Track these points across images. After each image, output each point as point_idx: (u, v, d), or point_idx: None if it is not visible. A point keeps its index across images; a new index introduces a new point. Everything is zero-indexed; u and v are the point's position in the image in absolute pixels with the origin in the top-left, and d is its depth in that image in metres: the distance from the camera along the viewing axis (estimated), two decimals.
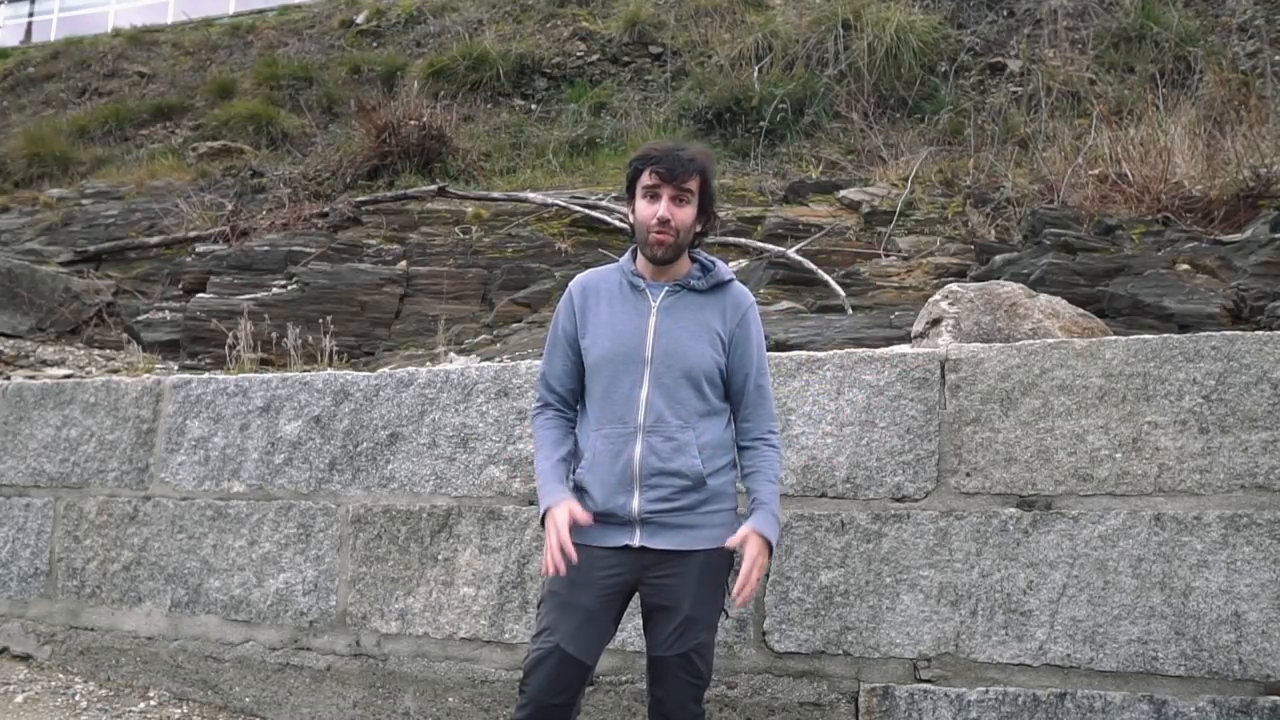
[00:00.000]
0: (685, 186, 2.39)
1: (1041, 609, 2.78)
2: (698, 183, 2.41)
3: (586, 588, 2.33)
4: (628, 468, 2.36)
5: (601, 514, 2.35)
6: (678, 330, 2.40)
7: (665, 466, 2.34)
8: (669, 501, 2.34)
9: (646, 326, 2.41)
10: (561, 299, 2.57)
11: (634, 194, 2.46)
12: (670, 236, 2.38)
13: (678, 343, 2.39)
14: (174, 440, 3.87)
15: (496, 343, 5.30)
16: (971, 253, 5.42)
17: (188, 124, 10.54)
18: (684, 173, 2.38)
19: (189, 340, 5.93)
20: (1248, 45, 7.48)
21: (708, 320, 2.43)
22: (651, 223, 2.38)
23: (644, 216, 2.40)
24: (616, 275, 2.52)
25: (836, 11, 8.26)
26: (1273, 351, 2.71)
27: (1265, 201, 4.91)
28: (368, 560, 3.51)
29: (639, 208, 2.43)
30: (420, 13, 11.40)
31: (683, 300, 2.45)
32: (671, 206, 2.37)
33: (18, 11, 18.51)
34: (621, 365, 2.39)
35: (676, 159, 2.39)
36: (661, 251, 2.40)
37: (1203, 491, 2.71)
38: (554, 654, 2.28)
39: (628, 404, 2.37)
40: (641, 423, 2.36)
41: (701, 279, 2.47)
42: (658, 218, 2.37)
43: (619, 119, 8.44)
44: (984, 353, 2.94)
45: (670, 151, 2.41)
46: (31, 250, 7.49)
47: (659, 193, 2.38)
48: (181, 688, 3.73)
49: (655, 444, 2.35)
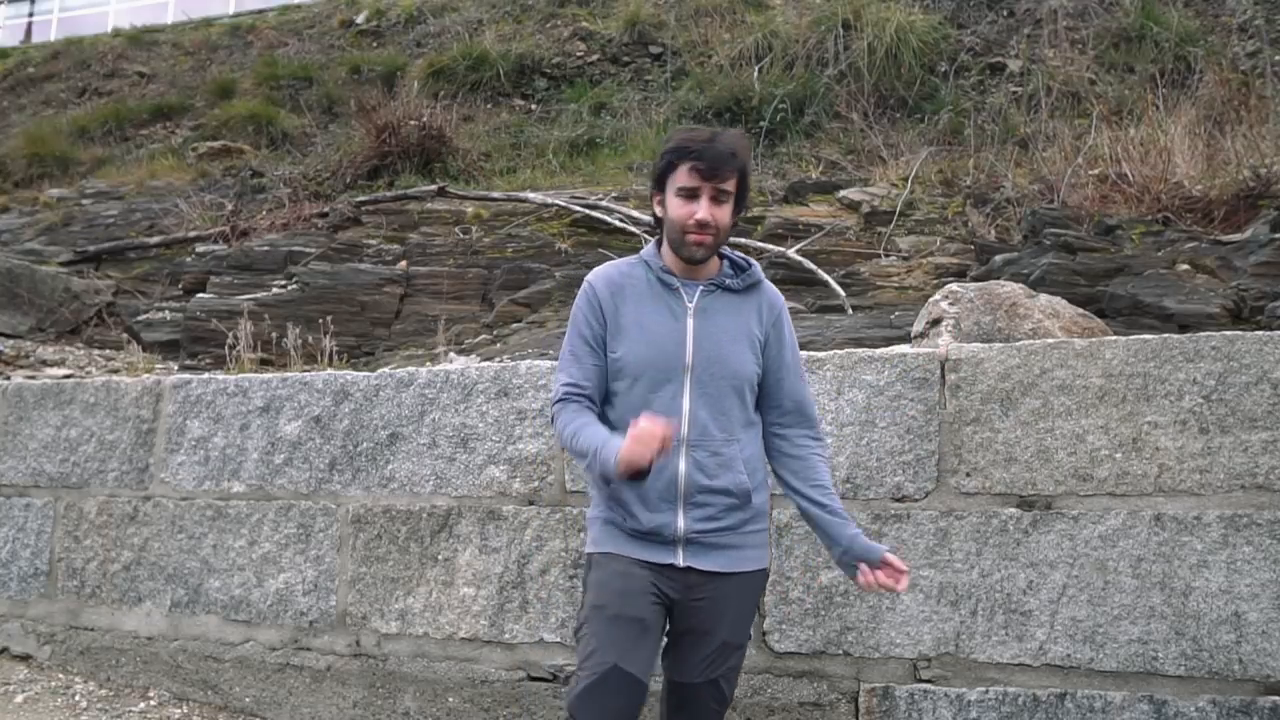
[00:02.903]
0: (725, 186, 2.19)
1: (1041, 609, 2.78)
2: (737, 179, 2.22)
3: (638, 597, 2.13)
4: (672, 485, 2.17)
5: (644, 533, 2.18)
6: (717, 334, 2.23)
7: (712, 484, 2.18)
8: (715, 520, 2.18)
9: (684, 330, 2.22)
10: (580, 297, 2.32)
11: (664, 187, 2.24)
12: (710, 238, 2.19)
13: (719, 348, 2.21)
14: (174, 440, 3.87)
15: (496, 343, 5.30)
16: (971, 253, 5.42)
17: (188, 124, 10.54)
18: (726, 170, 2.17)
19: (189, 340, 5.93)
20: (1248, 45, 7.48)
21: (745, 322, 2.26)
22: (689, 224, 2.18)
23: (679, 216, 2.20)
24: (641, 271, 2.31)
25: (836, 11, 8.25)
26: (1273, 351, 2.71)
27: (1265, 201, 4.91)
28: (368, 560, 3.51)
29: (672, 205, 2.22)
30: (420, 13, 11.40)
31: (719, 301, 2.26)
32: (711, 207, 2.18)
33: (18, 11, 18.50)
34: (659, 373, 2.19)
35: (718, 155, 2.16)
36: (701, 254, 2.22)
37: (1203, 491, 2.71)
38: (612, 675, 2.04)
39: (669, 415, 2.14)
40: (685, 436, 2.17)
41: (736, 278, 2.29)
42: (696, 220, 2.17)
43: (619, 119, 8.44)
44: (984, 353, 2.94)
45: (710, 144, 2.17)
46: (31, 250, 7.49)
47: (697, 192, 2.18)
48: (181, 688, 3.73)
49: (700, 459, 2.17)
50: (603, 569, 2.20)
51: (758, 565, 2.25)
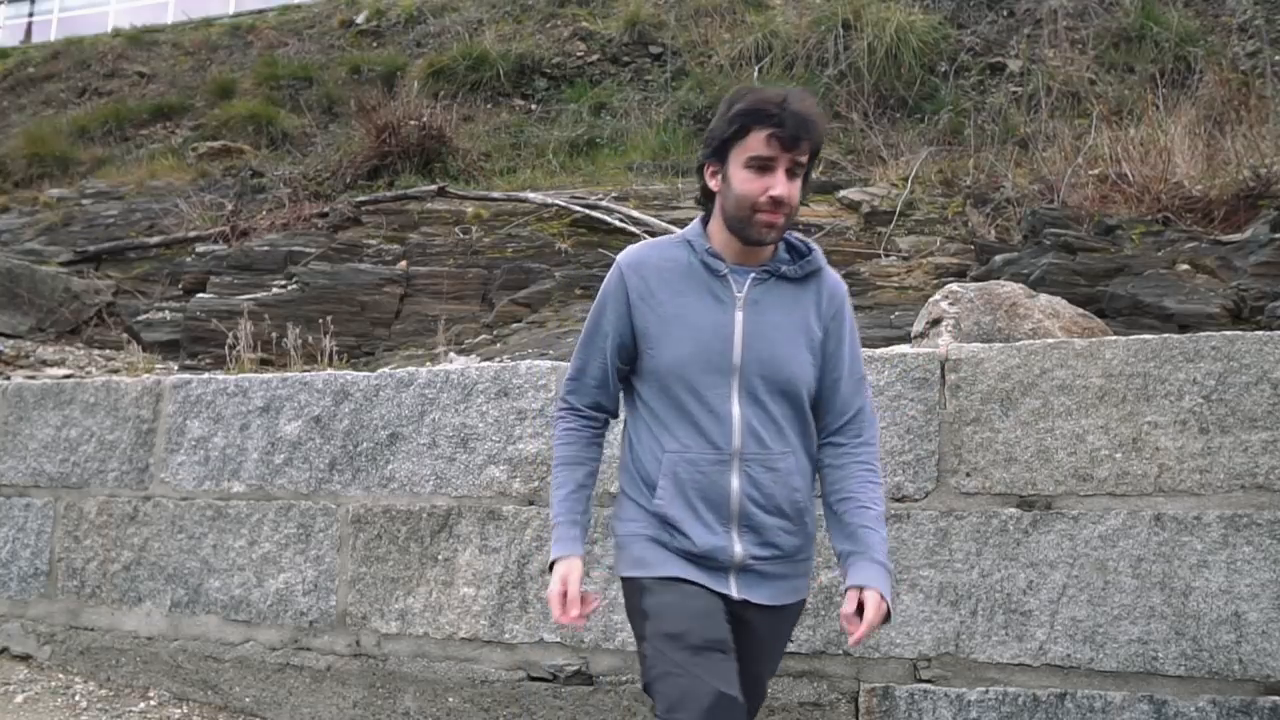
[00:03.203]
0: (802, 158, 1.88)
1: (1041, 609, 2.78)
2: (811, 152, 1.90)
3: (716, 618, 1.86)
4: (724, 504, 1.90)
5: (697, 555, 1.90)
6: (771, 331, 1.92)
7: (768, 504, 1.91)
8: (769, 547, 1.92)
9: (732, 324, 1.91)
10: (608, 280, 2.01)
11: (727, 156, 1.90)
12: (783, 218, 1.88)
13: (773, 347, 1.91)
14: (174, 440, 3.87)
15: (496, 343, 5.30)
16: (971, 253, 5.42)
17: (188, 124, 10.54)
18: (806, 140, 1.85)
19: (189, 340, 5.93)
20: (1248, 45, 7.48)
21: (803, 317, 1.96)
22: (761, 200, 1.85)
23: (749, 192, 1.86)
24: (682, 253, 1.98)
25: (836, 11, 8.25)
26: (1273, 351, 2.71)
27: (1265, 201, 4.91)
28: (368, 560, 3.51)
29: (739, 178, 1.88)
30: (420, 13, 11.40)
31: (773, 291, 1.95)
32: (787, 182, 1.86)
33: (18, 11, 18.50)
34: (703, 374, 1.90)
35: (801, 121, 1.83)
36: (772, 236, 1.91)
37: (1203, 491, 2.71)
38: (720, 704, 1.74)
39: (717, 423, 1.89)
40: (738, 448, 1.89)
41: (794, 264, 1.98)
42: (771, 196, 1.85)
43: (619, 119, 8.44)
44: (984, 353, 2.94)
45: (789, 106, 1.83)
46: (31, 250, 7.49)
47: (772, 164, 1.85)
48: (181, 688, 3.73)
49: (756, 475, 1.90)
50: (664, 593, 1.88)
51: (801, 595, 2.03)
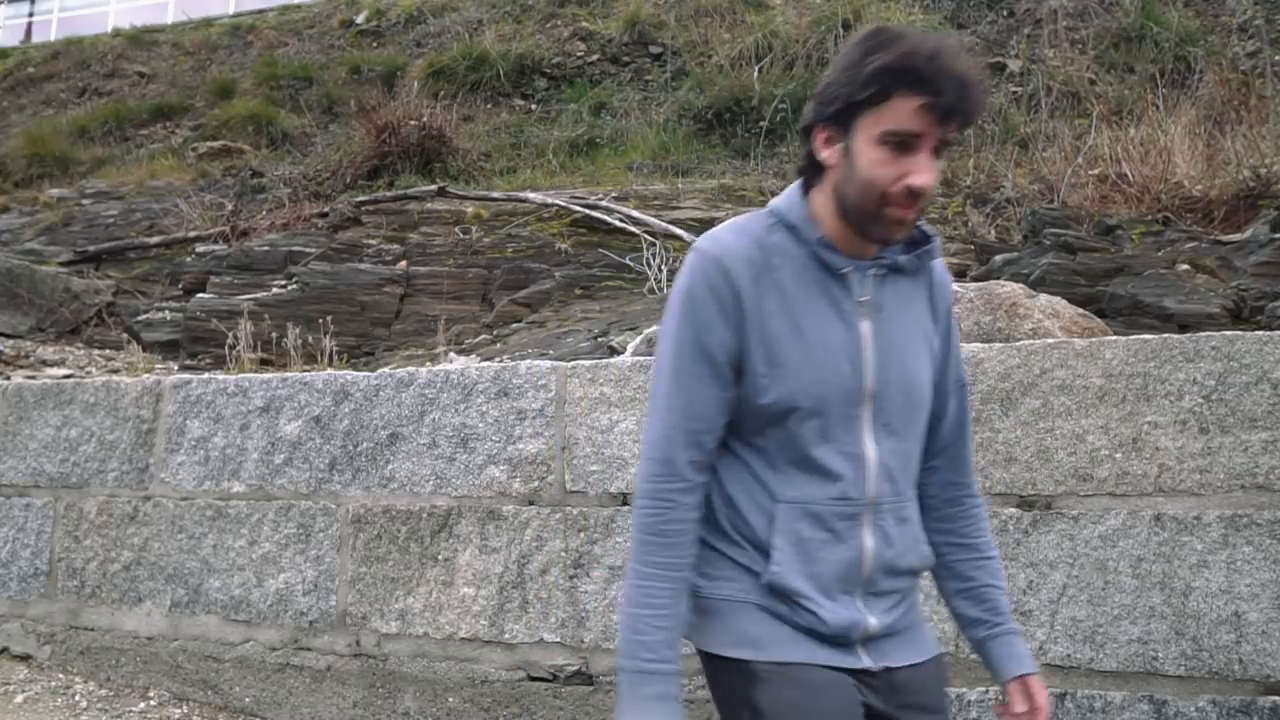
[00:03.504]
0: (955, 135, 1.40)
1: (1041, 609, 2.78)
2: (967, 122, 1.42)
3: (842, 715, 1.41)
4: (856, 567, 1.45)
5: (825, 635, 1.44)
6: (900, 344, 1.49)
7: (900, 564, 1.49)
8: (896, 610, 1.50)
9: (858, 338, 1.45)
10: (696, 282, 1.45)
11: (853, 124, 1.39)
12: (917, 213, 1.42)
13: (904, 363, 1.48)
14: (174, 440, 3.87)
15: (496, 343, 5.30)
16: (971, 253, 5.42)
17: (188, 124, 10.55)
18: (973, 111, 1.38)
19: (189, 340, 5.93)
20: (1248, 45, 7.48)
21: (921, 320, 1.54)
22: (895, 190, 1.37)
23: (881, 176, 1.37)
24: (786, 242, 1.47)
25: (836, 11, 8.26)
26: (1273, 351, 2.71)
27: (1265, 201, 4.91)
28: (368, 560, 3.51)
29: (870, 158, 1.38)
30: (420, 13, 11.41)
31: (891, 292, 1.50)
32: (932, 165, 1.38)
33: (18, 11, 18.51)
34: (833, 407, 1.43)
35: (965, 87, 1.34)
36: (902, 234, 1.45)
37: (1203, 491, 2.71)
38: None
39: (849, 465, 1.44)
40: (873, 496, 1.45)
41: (909, 253, 1.51)
42: (908, 184, 1.36)
43: (619, 119, 8.45)
44: (984, 353, 2.94)
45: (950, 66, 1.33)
46: (31, 250, 7.50)
47: (918, 143, 1.36)
48: (181, 688, 3.74)
49: (889, 529, 1.47)
50: (785, 688, 1.40)
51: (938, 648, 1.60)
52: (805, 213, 1.48)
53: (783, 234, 1.48)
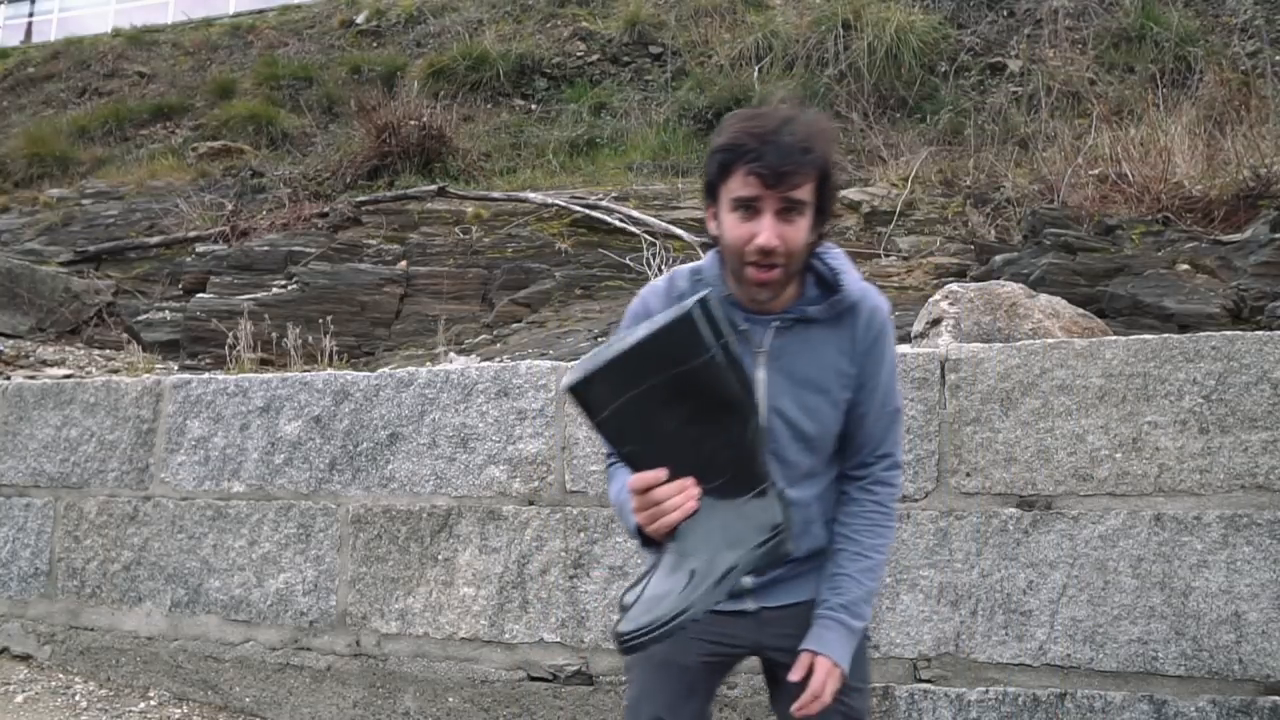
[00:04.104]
0: (798, 194, 1.57)
1: (1041, 609, 2.78)
2: (815, 182, 1.59)
3: (690, 643, 1.76)
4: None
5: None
6: (795, 388, 1.70)
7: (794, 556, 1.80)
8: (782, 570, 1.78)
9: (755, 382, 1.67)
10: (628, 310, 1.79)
11: (717, 196, 1.65)
12: (778, 272, 1.60)
13: (797, 404, 1.70)
14: (174, 440, 3.87)
15: (496, 343, 5.30)
16: (971, 253, 5.43)
17: (188, 124, 10.55)
18: (799, 173, 1.56)
19: (189, 340, 5.93)
20: (1248, 45, 7.48)
21: (832, 363, 1.71)
22: (748, 250, 1.59)
23: (735, 239, 1.60)
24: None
25: (836, 11, 8.26)
26: (1273, 351, 2.71)
27: (1265, 201, 4.91)
28: (368, 560, 3.51)
29: (728, 224, 1.62)
30: (420, 13, 11.41)
31: (799, 338, 1.70)
32: (779, 225, 1.57)
33: (18, 11, 18.51)
34: None
35: (784, 155, 1.54)
36: (766, 295, 1.64)
37: (1203, 491, 2.71)
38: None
39: None
40: None
41: (822, 303, 1.70)
42: (758, 245, 1.57)
43: (619, 119, 8.44)
44: (984, 353, 2.94)
45: (774, 137, 1.54)
46: (31, 250, 7.50)
47: (759, 205, 1.58)
48: (181, 688, 3.73)
49: None
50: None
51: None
52: (717, 273, 1.73)
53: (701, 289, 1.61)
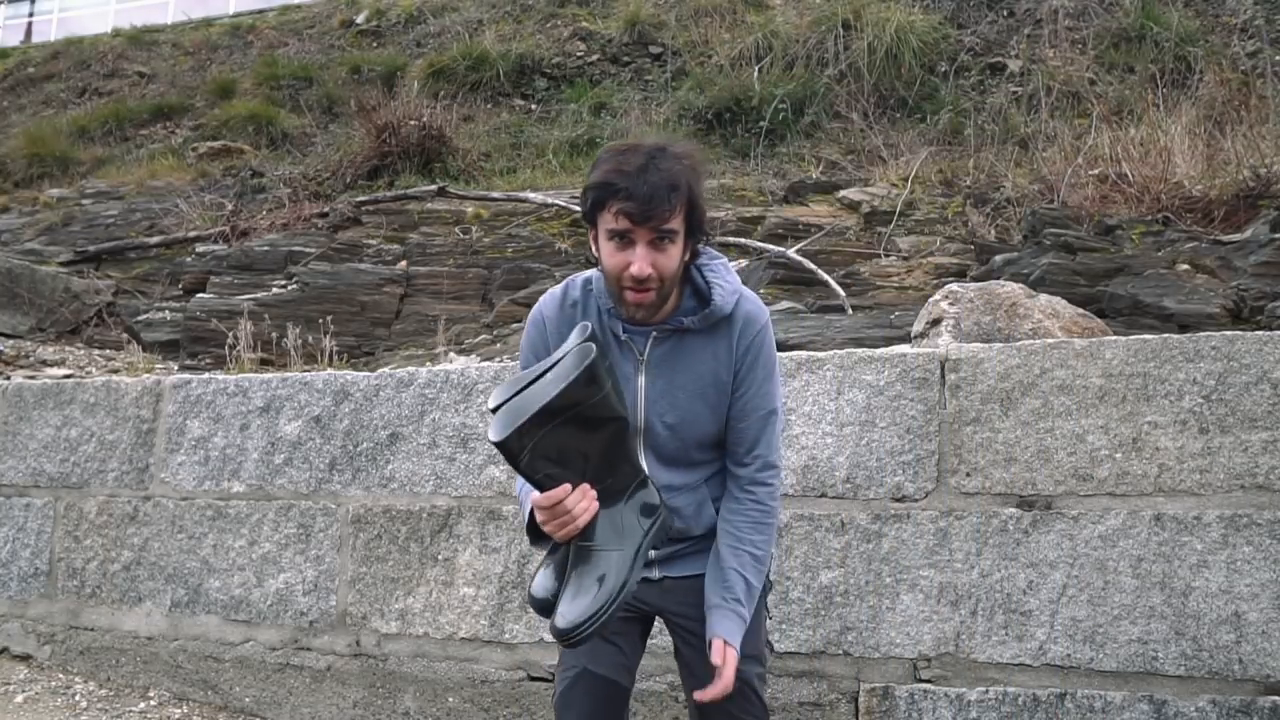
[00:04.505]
0: (668, 225, 1.75)
1: (1041, 609, 2.78)
2: (684, 212, 1.77)
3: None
4: None
5: None
6: (673, 392, 1.89)
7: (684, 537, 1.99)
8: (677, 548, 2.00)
9: (636, 388, 1.88)
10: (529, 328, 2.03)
11: (595, 223, 1.82)
12: (652, 294, 1.79)
13: (675, 409, 1.89)
14: (174, 440, 3.87)
15: (496, 343, 5.30)
16: (971, 253, 5.42)
17: (188, 124, 10.55)
18: (665, 209, 1.73)
19: (189, 340, 5.93)
20: (1248, 45, 7.48)
21: (710, 369, 1.89)
22: (624, 276, 1.77)
23: (612, 267, 1.79)
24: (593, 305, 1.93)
25: (836, 11, 8.26)
26: (1273, 351, 2.71)
27: (1265, 201, 4.91)
28: (368, 560, 3.51)
29: (604, 251, 1.80)
30: (420, 13, 11.41)
31: (676, 349, 1.89)
32: (651, 254, 1.75)
33: (18, 11, 18.52)
34: None
35: (651, 193, 1.70)
36: (642, 314, 1.84)
37: (1203, 491, 2.71)
38: (582, 678, 1.93)
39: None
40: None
41: (696, 315, 1.88)
42: (631, 274, 1.76)
43: (619, 119, 8.44)
44: (984, 353, 2.94)
45: (638, 175, 1.72)
46: (31, 250, 7.49)
47: (630, 237, 1.76)
48: (181, 688, 3.74)
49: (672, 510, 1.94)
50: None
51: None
52: (604, 286, 1.88)
53: (593, 302, 1.91)
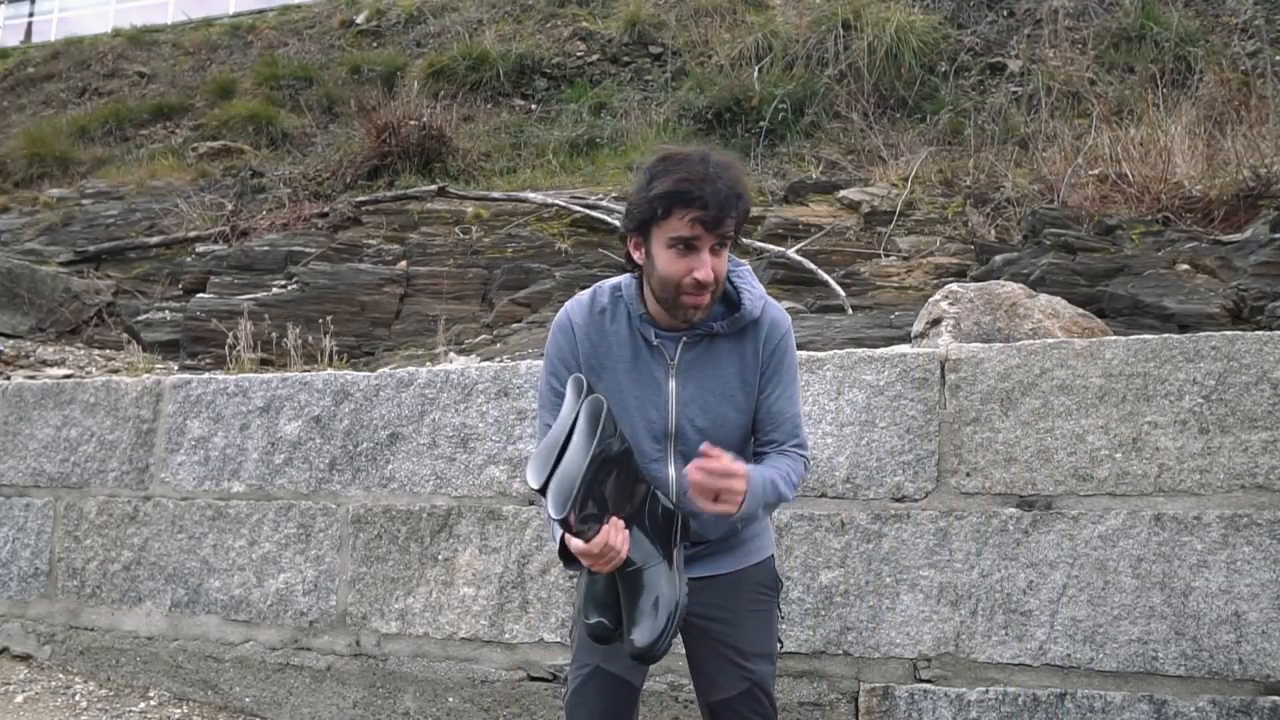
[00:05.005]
0: (729, 232, 1.82)
1: (1041, 609, 2.78)
2: (739, 219, 1.85)
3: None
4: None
5: None
6: (703, 396, 1.93)
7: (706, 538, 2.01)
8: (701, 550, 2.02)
9: (668, 392, 1.93)
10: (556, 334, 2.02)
11: (649, 232, 1.85)
12: (709, 297, 1.86)
13: (706, 412, 1.93)
14: (174, 440, 3.87)
15: (496, 343, 5.29)
16: (971, 253, 5.42)
17: (188, 124, 10.55)
18: (731, 217, 1.80)
19: (189, 340, 5.93)
20: (1248, 45, 7.48)
21: (738, 372, 1.95)
22: (686, 282, 1.82)
23: (673, 274, 1.82)
24: (622, 311, 1.96)
25: (836, 11, 8.26)
26: (1273, 351, 2.71)
27: (1265, 201, 4.91)
28: (368, 560, 3.51)
29: (663, 259, 1.83)
30: (420, 13, 11.40)
31: (706, 353, 1.94)
32: (712, 260, 1.82)
33: (18, 11, 18.53)
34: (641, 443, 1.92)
35: (725, 200, 1.78)
36: (700, 316, 1.88)
37: (1203, 491, 2.71)
38: (595, 677, 1.96)
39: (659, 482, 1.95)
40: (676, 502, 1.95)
41: (725, 320, 1.94)
42: (696, 279, 1.81)
43: (619, 119, 8.44)
44: (984, 353, 2.94)
45: (712, 186, 1.77)
46: (31, 250, 7.49)
47: (696, 244, 1.80)
48: (181, 688, 3.73)
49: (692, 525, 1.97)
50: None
51: (759, 556, 2.05)
52: (637, 295, 1.95)
53: (622, 308, 1.96)
